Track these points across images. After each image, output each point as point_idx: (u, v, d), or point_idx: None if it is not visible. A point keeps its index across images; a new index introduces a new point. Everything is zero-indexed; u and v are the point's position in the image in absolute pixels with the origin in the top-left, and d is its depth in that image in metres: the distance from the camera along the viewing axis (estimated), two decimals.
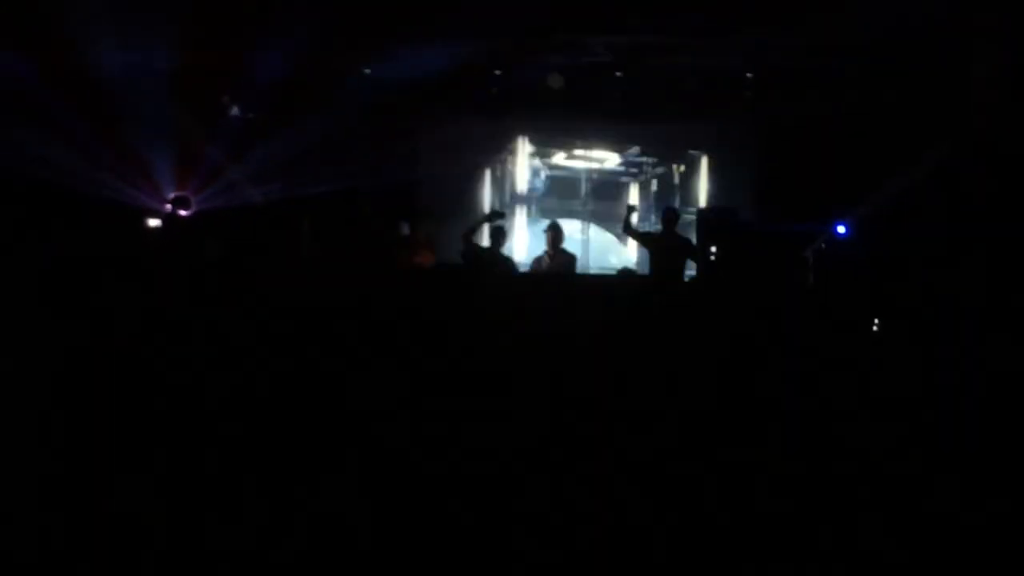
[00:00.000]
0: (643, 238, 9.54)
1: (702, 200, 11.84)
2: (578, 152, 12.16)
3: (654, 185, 12.41)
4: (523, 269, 9.66)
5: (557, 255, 9.10)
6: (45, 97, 9.86)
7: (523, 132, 11.83)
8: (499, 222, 9.19)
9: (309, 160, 10.55)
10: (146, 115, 10.11)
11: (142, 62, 9.95)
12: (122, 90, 9.95)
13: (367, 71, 10.70)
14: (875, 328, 6.51)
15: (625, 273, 9.06)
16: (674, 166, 12.22)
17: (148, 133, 10.31)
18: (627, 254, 11.73)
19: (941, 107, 9.55)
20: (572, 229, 11.10)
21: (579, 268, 9.83)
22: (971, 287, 7.46)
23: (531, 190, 11.83)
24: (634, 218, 9.44)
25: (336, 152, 10.67)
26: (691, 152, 12.08)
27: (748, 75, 11.05)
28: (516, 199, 11.72)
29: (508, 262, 9.06)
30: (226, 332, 5.60)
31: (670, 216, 9.42)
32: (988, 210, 8.81)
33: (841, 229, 10.23)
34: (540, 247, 9.44)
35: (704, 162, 12.02)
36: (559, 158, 12.23)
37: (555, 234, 9.13)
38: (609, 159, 12.27)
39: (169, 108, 10.29)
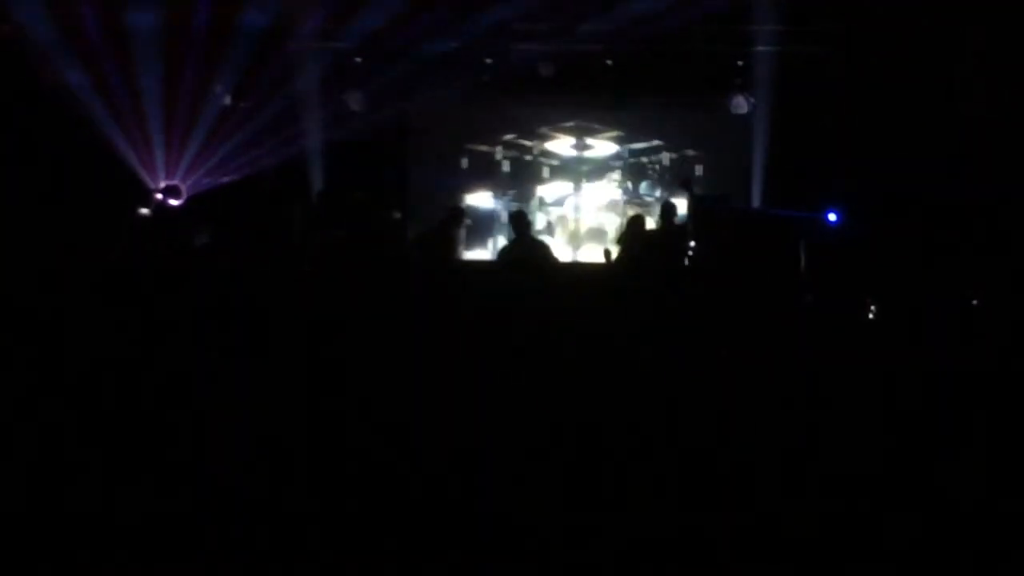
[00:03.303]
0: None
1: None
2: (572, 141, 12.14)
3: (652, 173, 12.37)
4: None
5: (525, 244, 8.79)
6: None
7: (515, 121, 11.82)
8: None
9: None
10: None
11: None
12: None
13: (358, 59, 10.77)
14: (871, 315, 6.54)
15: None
16: (666, 154, 12.19)
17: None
18: None
19: (934, 94, 9.59)
20: None
21: None
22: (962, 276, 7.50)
23: None
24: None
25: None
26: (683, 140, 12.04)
27: (739, 63, 11.08)
28: None
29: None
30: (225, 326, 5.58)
31: (669, 208, 9.42)
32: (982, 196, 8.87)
33: (833, 216, 10.26)
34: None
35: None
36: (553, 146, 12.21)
37: (519, 222, 8.82)
38: (604, 147, 12.24)
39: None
